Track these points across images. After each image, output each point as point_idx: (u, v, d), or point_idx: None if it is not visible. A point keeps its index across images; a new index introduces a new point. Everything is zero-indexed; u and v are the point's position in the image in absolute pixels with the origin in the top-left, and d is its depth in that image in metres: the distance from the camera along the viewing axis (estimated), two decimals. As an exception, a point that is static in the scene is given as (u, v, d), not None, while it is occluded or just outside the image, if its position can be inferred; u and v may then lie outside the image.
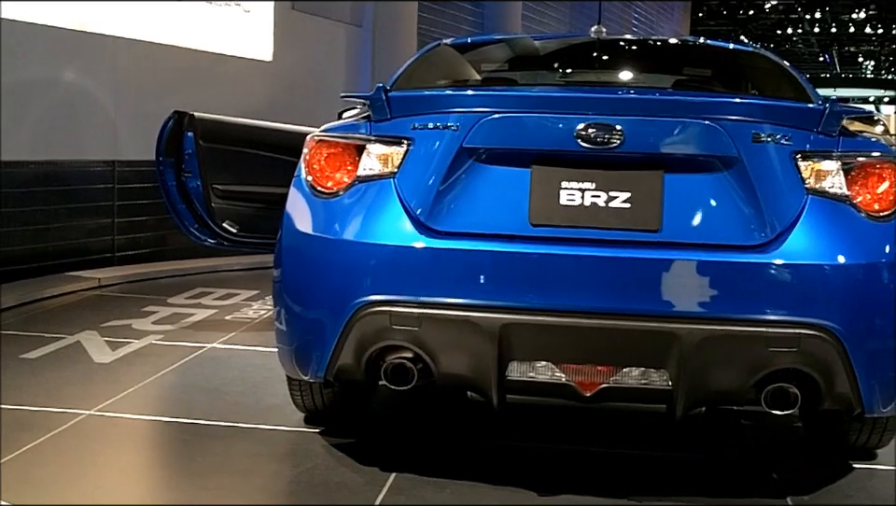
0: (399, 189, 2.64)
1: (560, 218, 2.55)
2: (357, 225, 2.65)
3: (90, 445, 3.09)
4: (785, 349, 2.48)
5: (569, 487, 2.76)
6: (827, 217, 2.55)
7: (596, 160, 2.57)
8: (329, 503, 2.64)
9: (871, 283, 2.54)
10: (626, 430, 3.32)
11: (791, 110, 2.69)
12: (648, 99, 2.76)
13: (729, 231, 2.52)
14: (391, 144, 2.69)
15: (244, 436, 3.18)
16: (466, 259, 2.54)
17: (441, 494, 2.68)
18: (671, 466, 3.04)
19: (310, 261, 2.73)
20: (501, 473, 2.86)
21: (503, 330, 2.50)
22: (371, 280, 2.59)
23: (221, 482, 2.80)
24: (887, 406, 2.67)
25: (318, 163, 2.78)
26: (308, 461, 2.95)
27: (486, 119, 2.61)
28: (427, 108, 2.69)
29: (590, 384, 2.57)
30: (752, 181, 2.53)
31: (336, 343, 2.63)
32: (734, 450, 3.19)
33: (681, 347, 2.46)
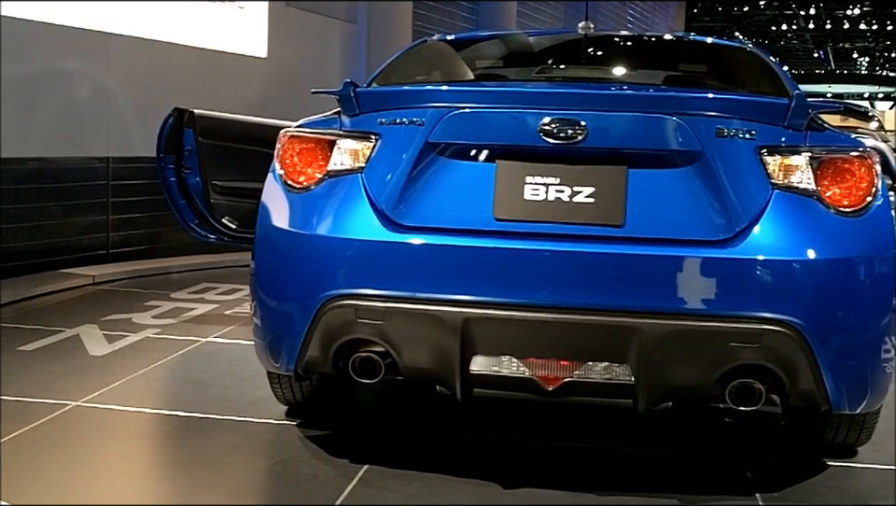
0: (367, 184, 2.66)
1: (524, 213, 2.55)
2: (325, 219, 2.67)
3: (71, 436, 3.12)
4: (746, 345, 2.46)
5: (537, 482, 2.75)
6: (792, 213, 2.53)
7: (560, 155, 2.56)
8: (297, 494, 2.67)
9: (837, 279, 2.52)
10: (600, 426, 3.30)
11: (756, 105, 2.65)
12: (611, 94, 2.75)
13: (692, 227, 2.51)
14: (359, 139, 2.71)
15: (224, 428, 3.21)
16: (430, 253, 2.56)
17: (409, 487, 2.70)
18: (642, 462, 3.03)
19: (280, 255, 2.76)
20: (471, 467, 2.86)
21: (465, 323, 2.51)
22: (337, 274, 2.61)
23: (193, 473, 2.84)
24: (856, 404, 2.66)
25: (290, 158, 2.81)
26: (283, 453, 2.98)
27: (450, 115, 2.62)
28: (393, 104, 2.71)
29: (552, 378, 2.57)
30: (716, 176, 2.52)
31: (304, 336, 2.66)
32: (711, 447, 3.17)
33: (643, 342, 2.46)
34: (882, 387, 2.71)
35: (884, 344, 2.63)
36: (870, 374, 2.63)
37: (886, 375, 2.70)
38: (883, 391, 2.73)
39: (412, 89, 2.86)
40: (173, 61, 6.95)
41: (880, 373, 2.67)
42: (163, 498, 2.72)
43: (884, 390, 2.73)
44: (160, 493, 2.75)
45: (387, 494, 2.66)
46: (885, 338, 2.63)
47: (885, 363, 2.67)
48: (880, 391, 2.71)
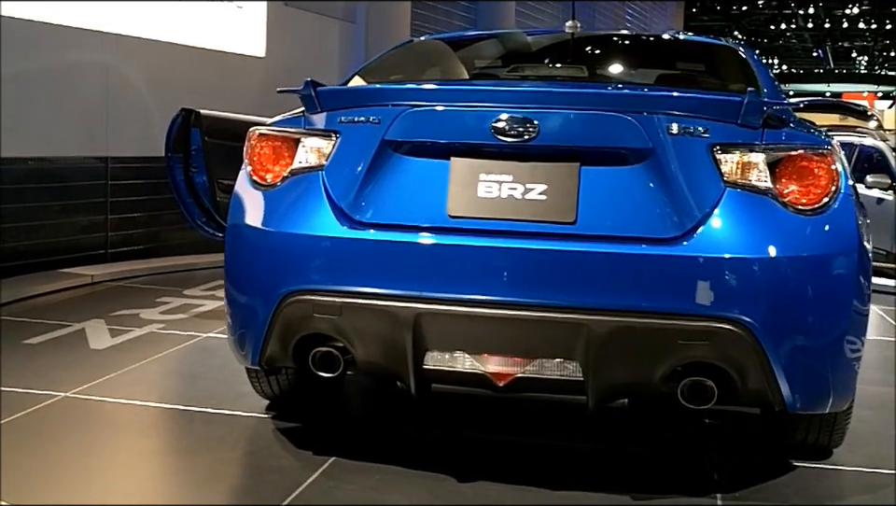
0: (326, 182, 2.70)
1: (477, 210, 2.57)
2: (287, 216, 2.71)
3: (51, 426, 3.18)
4: (694, 343, 2.45)
5: (493, 476, 2.78)
6: (744, 211, 2.51)
7: (513, 152, 2.58)
8: (258, 484, 2.75)
9: (790, 278, 2.48)
10: (570, 422, 3.30)
11: (709, 102, 2.62)
12: (561, 92, 2.74)
13: (643, 224, 2.50)
14: (321, 137, 2.75)
15: (203, 420, 3.28)
16: (384, 249, 2.59)
17: (370, 480, 2.74)
18: (606, 459, 3.02)
19: (246, 251, 2.80)
20: (434, 461, 2.88)
21: (418, 319, 2.53)
22: (296, 270, 2.65)
23: (161, 462, 2.93)
24: (815, 404, 2.64)
25: (258, 156, 2.85)
26: (254, 445, 3.05)
27: (406, 113, 2.64)
28: (351, 103, 2.74)
29: (503, 374, 2.59)
30: (667, 173, 2.51)
31: (266, 330, 2.70)
32: (681, 446, 3.15)
33: (591, 339, 2.46)
34: (845, 388, 2.68)
35: (845, 343, 2.60)
36: (830, 375, 2.60)
37: (849, 375, 2.67)
38: (847, 392, 2.70)
39: (369, 88, 2.90)
40: (172, 60, 6.96)
41: (842, 373, 2.63)
42: (124, 485, 2.76)
43: (848, 391, 2.70)
44: (121, 480, 2.80)
45: (346, 486, 2.69)
46: (846, 338, 2.60)
47: (847, 363, 2.63)
48: (844, 392, 2.68)
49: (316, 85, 2.75)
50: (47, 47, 6.02)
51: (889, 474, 2.92)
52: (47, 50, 6.04)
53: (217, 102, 5.75)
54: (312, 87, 2.74)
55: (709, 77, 3.56)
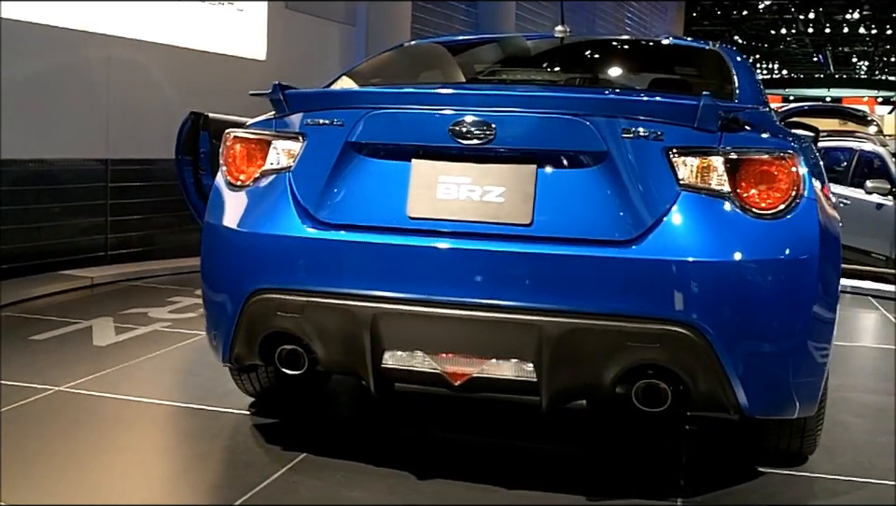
0: (293, 183, 2.75)
1: (436, 212, 2.60)
2: (255, 216, 2.77)
3: (41, 418, 3.26)
4: (645, 345, 2.46)
5: (451, 474, 2.81)
6: (699, 214, 2.50)
7: (471, 155, 2.60)
8: (225, 478, 2.83)
9: (745, 281, 2.47)
10: (543, 424, 3.30)
11: (664, 106, 2.62)
12: (517, 96, 2.75)
13: (598, 226, 2.51)
14: (289, 139, 2.81)
15: (187, 415, 3.35)
16: (345, 249, 2.63)
17: (335, 476, 2.78)
18: (571, 461, 3.03)
19: (218, 250, 2.87)
20: (403, 459, 2.92)
21: (376, 319, 2.58)
22: (261, 269, 2.71)
23: (135, 455, 2.98)
24: (776, 410, 2.64)
25: (232, 157, 2.91)
26: (230, 440, 3.12)
27: (368, 116, 2.68)
28: (317, 105, 2.79)
29: (459, 373, 2.61)
30: (622, 176, 2.51)
31: (233, 328, 2.77)
32: (653, 452, 3.14)
33: (543, 340, 2.48)
34: (810, 394, 2.66)
35: (806, 349, 2.59)
36: (791, 380, 2.59)
37: (813, 381, 2.66)
38: (812, 398, 2.68)
39: (333, 91, 2.93)
40: (172, 63, 6.96)
41: (804, 379, 2.62)
42: (92, 477, 2.79)
43: (813, 397, 2.68)
44: (91, 473, 2.83)
45: (311, 482, 2.74)
46: (807, 343, 2.59)
47: (809, 369, 2.62)
48: (808, 398, 2.67)
49: (285, 88, 2.80)
50: (47, 49, 6.03)
51: (859, 482, 2.91)
52: (48, 53, 6.04)
53: (217, 104, 5.74)
54: (280, 90, 2.79)
55: (684, 81, 3.56)
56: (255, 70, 7.87)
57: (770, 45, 36.17)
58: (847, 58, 38.86)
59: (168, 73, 6.94)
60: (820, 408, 2.86)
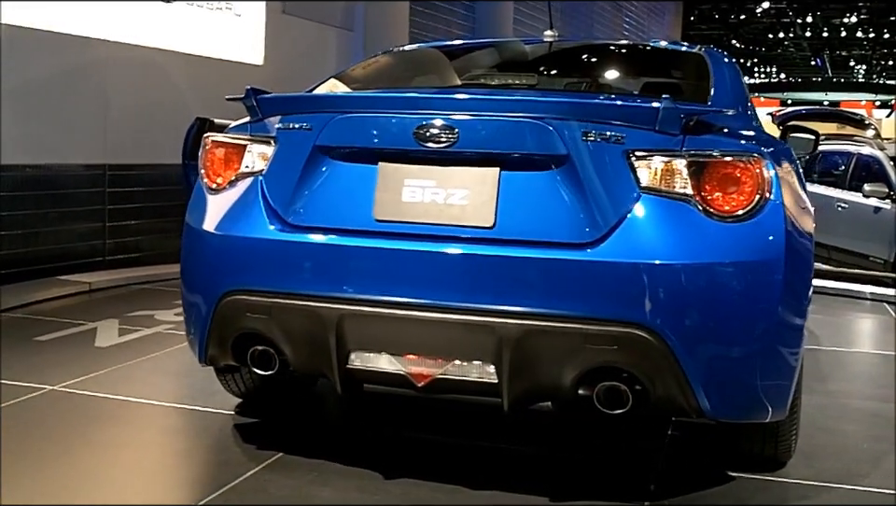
0: (265, 186, 2.80)
1: (401, 214, 2.63)
2: (228, 219, 2.82)
3: (28, 416, 3.34)
4: (603, 347, 2.47)
5: (421, 474, 2.84)
6: (659, 217, 2.50)
7: (435, 158, 2.63)
8: (198, 474, 2.91)
9: (705, 284, 2.47)
10: (521, 426, 3.32)
11: (624, 109, 2.63)
12: (479, 99, 2.77)
13: (558, 229, 2.52)
14: (261, 143, 2.86)
15: (172, 414, 3.44)
16: (313, 251, 2.67)
17: (307, 475, 2.82)
18: (539, 463, 3.05)
19: (194, 252, 2.93)
20: (378, 459, 2.96)
21: (341, 320, 2.61)
22: (233, 270, 2.77)
23: (112, 453, 3.03)
24: (736, 414, 2.64)
25: (209, 161, 2.97)
26: (210, 439, 3.18)
27: (335, 120, 2.72)
28: (287, 110, 2.83)
29: (422, 375, 2.63)
30: (583, 179, 2.52)
31: (207, 329, 2.82)
32: (629, 456, 3.13)
33: (504, 342, 2.49)
34: (777, 398, 2.66)
35: (772, 353, 2.58)
36: (757, 383, 2.58)
37: (781, 384, 2.66)
38: (780, 402, 2.68)
39: (302, 96, 2.97)
40: (170, 68, 6.97)
41: (770, 383, 2.62)
42: (65, 474, 2.83)
43: (781, 401, 2.68)
44: (66, 470, 2.87)
45: (282, 480, 2.78)
46: (772, 347, 2.58)
47: (776, 373, 2.62)
48: (775, 402, 2.66)
49: (258, 93, 2.85)
50: (46, 54, 6.03)
51: (834, 488, 2.89)
52: (46, 58, 6.04)
53: (215, 109, 5.75)
54: (253, 95, 2.83)
55: (661, 84, 3.55)
56: (252, 75, 7.87)
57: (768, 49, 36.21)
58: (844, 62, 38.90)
59: (166, 78, 6.94)
60: (793, 412, 2.86)
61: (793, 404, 2.82)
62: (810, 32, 31.96)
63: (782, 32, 32.46)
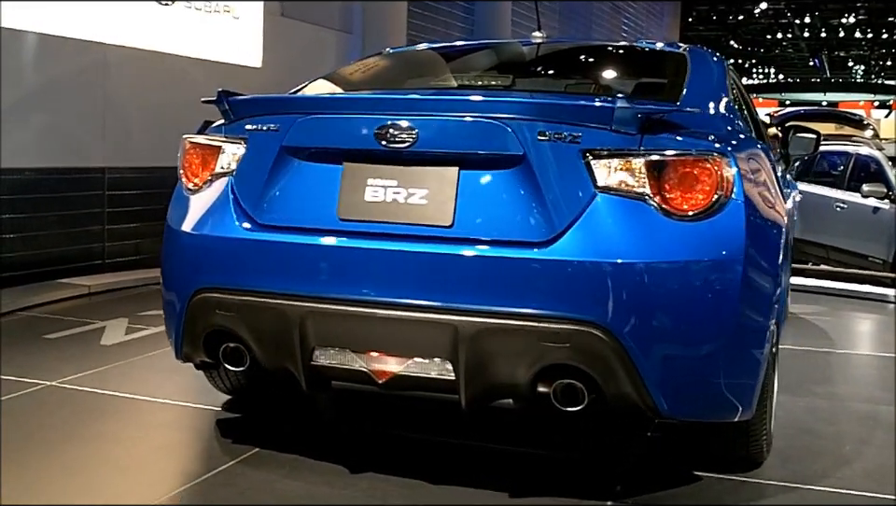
0: (235, 186, 2.86)
1: (364, 214, 2.67)
2: (202, 218, 2.89)
3: (21, 410, 3.43)
4: (557, 344, 2.48)
5: (390, 470, 2.88)
6: (614, 216, 2.51)
7: (395, 158, 2.66)
8: (171, 467, 2.98)
9: (658, 283, 2.48)
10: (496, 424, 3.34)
11: (580, 109, 2.64)
12: (436, 100, 2.83)
13: (515, 228, 2.54)
14: (233, 144, 2.91)
15: (158, 410, 3.50)
16: (278, 250, 2.73)
17: (280, 469, 2.88)
18: (508, 460, 3.07)
19: (170, 251, 3.00)
20: (352, 455, 3.00)
21: (305, 317, 2.66)
22: (204, 269, 2.84)
23: (93, 446, 3.11)
24: (695, 412, 2.64)
25: (188, 163, 3.03)
26: (191, 434, 3.28)
27: (300, 121, 2.77)
28: (255, 111, 2.89)
29: (383, 372, 2.68)
30: (539, 179, 2.54)
31: (181, 326, 2.90)
32: (602, 455, 3.14)
33: (461, 339, 2.52)
34: (739, 396, 2.65)
35: (731, 351, 2.58)
36: (716, 383, 2.58)
37: (743, 383, 2.65)
38: (743, 400, 2.67)
39: (269, 97, 3.02)
40: (169, 71, 6.97)
41: (732, 381, 2.61)
42: (44, 465, 2.90)
43: (744, 399, 2.67)
44: (44, 460, 2.94)
45: (253, 473, 2.85)
46: (731, 346, 2.58)
47: (737, 371, 2.61)
48: (739, 400, 2.66)
49: (229, 95, 2.90)
50: (45, 58, 6.03)
51: (797, 488, 2.88)
52: (45, 61, 6.04)
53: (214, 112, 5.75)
54: (224, 97, 2.89)
55: (636, 84, 3.57)
56: (251, 78, 7.88)
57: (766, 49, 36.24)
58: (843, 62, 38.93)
59: (165, 81, 6.94)
60: (762, 412, 2.84)
61: (762, 404, 2.81)
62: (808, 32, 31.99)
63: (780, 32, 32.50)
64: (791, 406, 3.77)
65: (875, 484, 2.93)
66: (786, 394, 3.92)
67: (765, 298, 2.71)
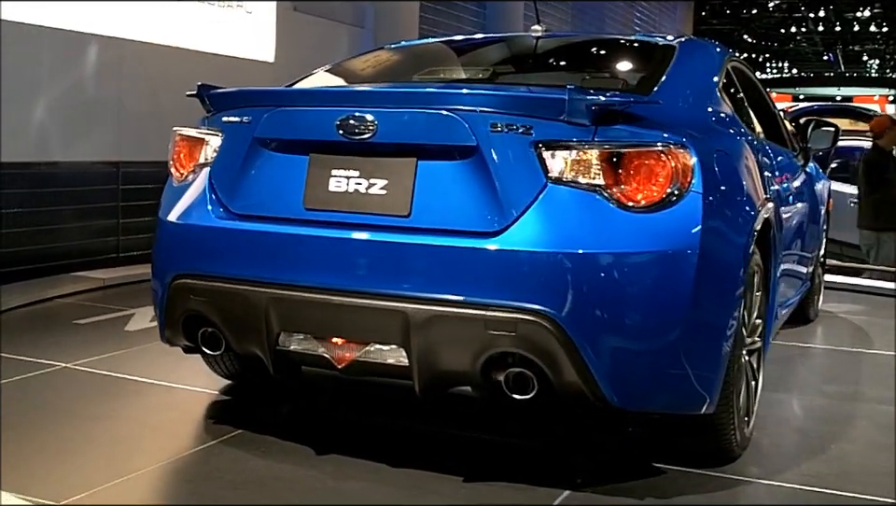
0: (213, 176, 2.98)
1: (328, 203, 2.76)
2: (183, 208, 3.02)
3: (31, 389, 3.60)
4: (503, 333, 2.51)
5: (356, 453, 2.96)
6: (563, 207, 2.53)
7: (357, 149, 2.73)
8: (152, 446, 3.07)
9: (605, 273, 2.50)
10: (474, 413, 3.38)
11: (531, 100, 2.65)
12: (392, 92, 2.91)
13: (468, 218, 2.59)
14: (213, 136, 3.03)
15: (161, 393, 3.64)
16: (248, 238, 2.84)
17: (254, 450, 2.98)
18: (471, 447, 3.11)
19: (157, 240, 3.12)
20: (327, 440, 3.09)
21: (270, 303, 2.76)
22: (182, 256, 2.98)
23: (85, 424, 3.23)
24: (648, 404, 2.65)
25: (176, 155, 3.16)
26: (182, 414, 3.40)
27: (270, 113, 2.87)
28: (230, 104, 2.99)
29: (342, 357, 2.76)
30: (491, 170, 2.57)
31: (163, 310, 3.02)
32: (572, 446, 3.15)
33: (412, 326, 2.58)
34: (700, 390, 2.65)
35: (684, 343, 2.58)
36: (672, 375, 2.59)
37: (700, 375, 2.64)
38: (702, 393, 2.66)
39: (242, 90, 3.09)
40: (182, 65, 7.00)
41: (687, 372, 2.61)
42: (38, 440, 3.04)
43: (703, 392, 2.66)
44: (39, 435, 3.09)
45: (228, 453, 2.96)
46: (688, 338, 2.58)
47: (692, 363, 2.61)
48: (697, 392, 2.65)
49: (208, 89, 3.01)
50: (59, 53, 6.07)
51: (770, 485, 2.84)
52: (59, 56, 6.09)
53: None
54: (203, 91, 3.02)
55: (613, 77, 3.53)
56: (263, 72, 7.91)
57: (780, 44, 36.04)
58: (857, 56, 38.68)
59: (178, 75, 6.97)
60: (727, 406, 2.82)
61: (726, 398, 2.79)
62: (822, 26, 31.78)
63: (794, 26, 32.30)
64: (790, 404, 3.74)
65: (848, 483, 2.89)
66: (790, 392, 3.92)
67: (726, 292, 2.70)
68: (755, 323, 3.16)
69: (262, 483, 2.74)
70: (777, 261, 3.46)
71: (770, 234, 3.27)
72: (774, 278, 3.44)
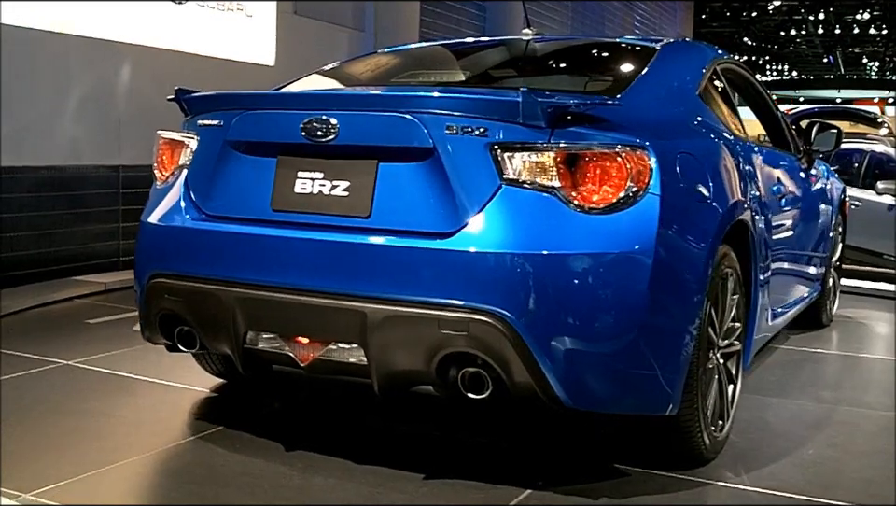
0: (189, 179, 3.06)
1: (293, 205, 2.82)
2: (162, 209, 3.09)
3: (31, 385, 3.69)
4: (455, 333, 2.54)
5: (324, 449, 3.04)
6: (517, 208, 2.56)
7: (320, 151, 2.79)
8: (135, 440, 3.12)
9: (556, 274, 2.51)
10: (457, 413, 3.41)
11: (485, 103, 2.67)
12: (351, 95, 3.02)
13: (424, 219, 2.63)
14: (190, 139, 3.10)
15: (153, 390, 3.71)
16: (218, 239, 2.91)
17: (228, 446, 3.05)
18: (441, 445, 3.15)
19: (138, 241, 3.19)
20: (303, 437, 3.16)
21: (238, 303, 2.82)
22: (159, 256, 3.06)
23: (71, 420, 3.29)
24: (602, 405, 2.65)
25: (158, 157, 3.23)
26: (167, 411, 3.47)
27: (240, 116, 2.93)
28: (204, 108, 3.06)
29: (305, 356, 2.82)
30: (447, 171, 2.61)
31: (142, 309, 3.10)
32: (542, 447, 3.16)
33: (369, 326, 2.62)
34: (658, 391, 2.66)
35: (644, 345, 2.59)
36: (627, 376, 2.60)
37: (659, 375, 2.64)
38: (661, 394, 2.67)
39: (214, 94, 3.13)
40: (182, 69, 7.00)
41: (647, 375, 2.61)
42: (26, 434, 3.12)
43: (664, 394, 2.67)
44: (29, 429, 3.18)
45: (202, 448, 3.03)
46: (643, 339, 2.59)
47: (649, 364, 2.61)
48: (655, 393, 2.66)
49: (185, 93, 3.08)
50: (60, 57, 6.07)
51: (735, 489, 2.83)
52: (60, 61, 6.09)
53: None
54: (181, 95, 3.08)
55: (588, 79, 3.60)
56: (264, 75, 7.91)
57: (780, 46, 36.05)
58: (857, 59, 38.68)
59: (178, 79, 6.96)
60: (692, 409, 2.81)
61: (689, 401, 2.78)
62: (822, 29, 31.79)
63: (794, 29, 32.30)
64: (778, 409, 3.71)
65: (816, 488, 2.86)
66: (784, 397, 3.89)
67: (686, 293, 2.70)
68: (732, 326, 3.14)
69: (232, 477, 2.80)
70: (759, 264, 3.44)
71: (748, 236, 3.25)
72: (756, 281, 3.41)
